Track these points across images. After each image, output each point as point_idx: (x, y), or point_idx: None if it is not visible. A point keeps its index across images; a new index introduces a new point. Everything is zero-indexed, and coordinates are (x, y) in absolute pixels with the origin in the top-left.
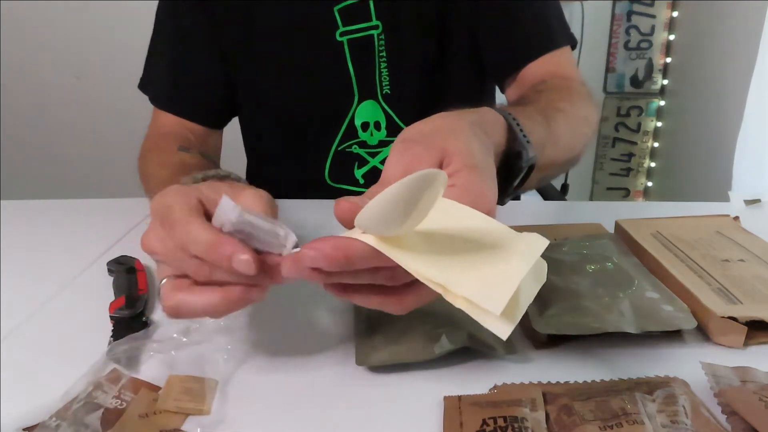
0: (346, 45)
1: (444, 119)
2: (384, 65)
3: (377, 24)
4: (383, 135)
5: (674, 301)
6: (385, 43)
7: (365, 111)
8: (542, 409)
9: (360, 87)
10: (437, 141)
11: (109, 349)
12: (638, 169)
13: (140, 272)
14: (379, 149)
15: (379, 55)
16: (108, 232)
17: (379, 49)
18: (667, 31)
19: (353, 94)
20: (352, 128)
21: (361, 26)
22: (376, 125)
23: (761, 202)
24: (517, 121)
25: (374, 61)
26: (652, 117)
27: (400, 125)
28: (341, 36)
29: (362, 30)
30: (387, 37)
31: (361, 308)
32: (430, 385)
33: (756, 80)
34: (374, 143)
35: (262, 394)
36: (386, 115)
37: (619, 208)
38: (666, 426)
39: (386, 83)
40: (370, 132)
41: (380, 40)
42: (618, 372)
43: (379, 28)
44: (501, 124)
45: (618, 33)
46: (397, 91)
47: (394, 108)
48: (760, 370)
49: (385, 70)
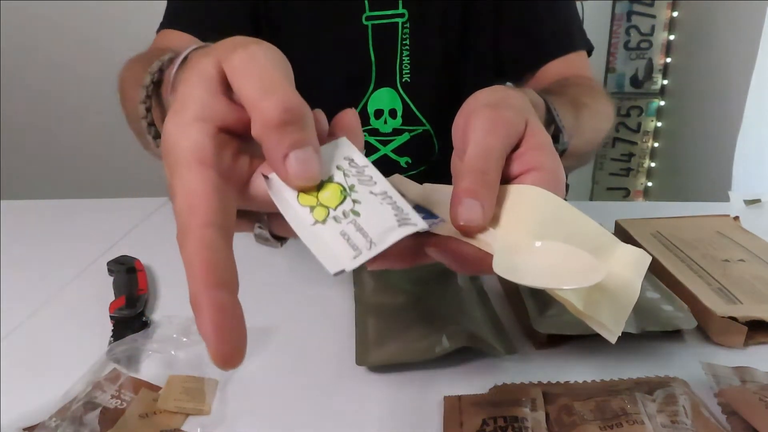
0: (370, 30)
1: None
2: (406, 53)
3: (403, 12)
4: (398, 123)
5: (674, 301)
6: (409, 32)
7: (380, 98)
8: (542, 409)
9: (378, 73)
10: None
11: (109, 349)
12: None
13: (140, 272)
14: (393, 137)
15: (402, 43)
16: (108, 232)
17: (403, 38)
18: (667, 31)
19: (370, 80)
20: (365, 115)
21: (387, 12)
22: (391, 113)
23: (761, 202)
24: (553, 106)
25: (397, 49)
26: (652, 117)
27: (417, 114)
28: (367, 20)
29: (388, 17)
30: (412, 26)
31: (361, 308)
32: (430, 385)
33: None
34: (388, 131)
35: (262, 394)
36: (404, 103)
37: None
38: (666, 426)
39: (407, 72)
40: (384, 119)
41: (405, 29)
42: (618, 372)
43: (404, 17)
44: (542, 105)
45: (618, 33)
46: (416, 81)
47: (412, 97)
48: (760, 370)
49: (407, 59)
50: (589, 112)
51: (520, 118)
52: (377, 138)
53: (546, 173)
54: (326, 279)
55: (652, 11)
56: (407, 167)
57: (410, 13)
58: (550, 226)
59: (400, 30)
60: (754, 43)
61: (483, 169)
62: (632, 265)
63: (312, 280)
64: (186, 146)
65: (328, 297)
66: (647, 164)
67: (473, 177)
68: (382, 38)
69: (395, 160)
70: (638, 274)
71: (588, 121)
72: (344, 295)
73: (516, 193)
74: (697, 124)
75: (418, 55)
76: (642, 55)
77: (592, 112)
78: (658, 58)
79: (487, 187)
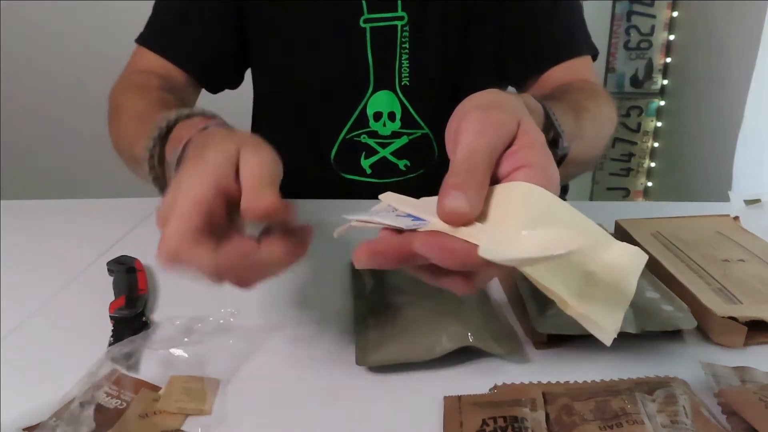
0: (369, 33)
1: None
2: (405, 57)
3: (402, 15)
4: (397, 126)
5: (674, 301)
6: (408, 35)
7: (380, 101)
8: (542, 409)
9: (377, 76)
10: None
11: (109, 349)
12: (638, 169)
13: (140, 272)
14: (391, 140)
15: (402, 46)
16: (108, 232)
17: (402, 41)
18: (667, 31)
19: (369, 83)
20: (364, 117)
21: (386, 15)
22: (390, 116)
23: (761, 202)
24: (552, 111)
25: (395, 52)
26: (652, 117)
27: (415, 118)
28: (365, 23)
29: (387, 20)
30: (411, 29)
31: (361, 308)
32: (430, 385)
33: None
34: (386, 134)
35: (263, 394)
36: (402, 106)
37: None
38: (666, 426)
39: (406, 75)
40: (383, 122)
41: (404, 32)
42: (618, 372)
43: (404, 20)
44: (540, 110)
45: (618, 33)
46: (416, 84)
47: (411, 100)
48: (760, 370)
49: (407, 62)
50: (591, 117)
51: (512, 118)
52: (376, 140)
53: (536, 169)
54: (326, 279)
55: (652, 11)
56: (406, 170)
57: (410, 16)
58: (541, 220)
59: (399, 33)
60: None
61: (469, 168)
62: (628, 263)
63: (312, 280)
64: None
65: (328, 297)
66: (647, 164)
67: (459, 175)
68: (381, 41)
69: (394, 162)
70: (634, 272)
71: (589, 125)
72: (344, 295)
73: (506, 190)
74: (697, 124)
75: (418, 58)
76: (642, 55)
77: (594, 117)
78: (658, 58)
79: (474, 182)
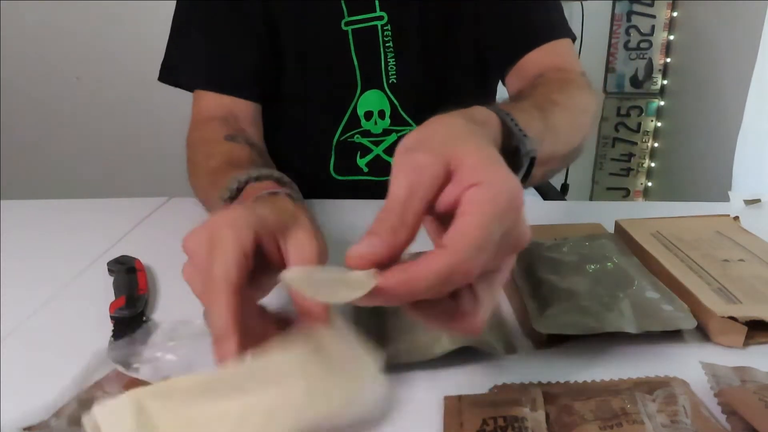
0: (351, 34)
1: (438, 123)
2: (391, 55)
3: (382, 15)
4: (387, 124)
5: (674, 301)
6: (391, 33)
7: (369, 100)
8: (542, 409)
9: (363, 76)
10: (439, 146)
11: (109, 349)
12: (638, 169)
13: (140, 272)
14: (383, 137)
15: (385, 45)
16: (108, 232)
17: (384, 40)
18: (667, 31)
19: (356, 84)
20: (355, 117)
21: (365, 17)
22: (380, 114)
23: (761, 202)
24: (510, 116)
25: (379, 51)
26: (652, 117)
27: (403, 115)
28: (346, 26)
29: (367, 21)
30: (392, 27)
31: (361, 308)
32: (430, 385)
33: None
34: (378, 132)
35: None
36: (391, 104)
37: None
38: (666, 426)
39: (393, 73)
40: (374, 121)
41: (385, 31)
42: (618, 372)
43: (383, 19)
44: (493, 120)
45: (618, 33)
46: (402, 82)
47: (400, 97)
48: (760, 370)
49: (392, 60)
50: (562, 110)
51: (435, 157)
52: (370, 139)
53: (485, 187)
54: None
55: (652, 11)
56: None
57: (389, 15)
58: None
59: (381, 32)
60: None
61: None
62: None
63: None
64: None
65: None
66: (647, 164)
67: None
68: (364, 42)
69: (387, 160)
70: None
71: (561, 119)
72: None
73: None
74: (697, 124)
75: (402, 55)
76: (642, 55)
77: (566, 109)
78: (658, 58)
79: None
